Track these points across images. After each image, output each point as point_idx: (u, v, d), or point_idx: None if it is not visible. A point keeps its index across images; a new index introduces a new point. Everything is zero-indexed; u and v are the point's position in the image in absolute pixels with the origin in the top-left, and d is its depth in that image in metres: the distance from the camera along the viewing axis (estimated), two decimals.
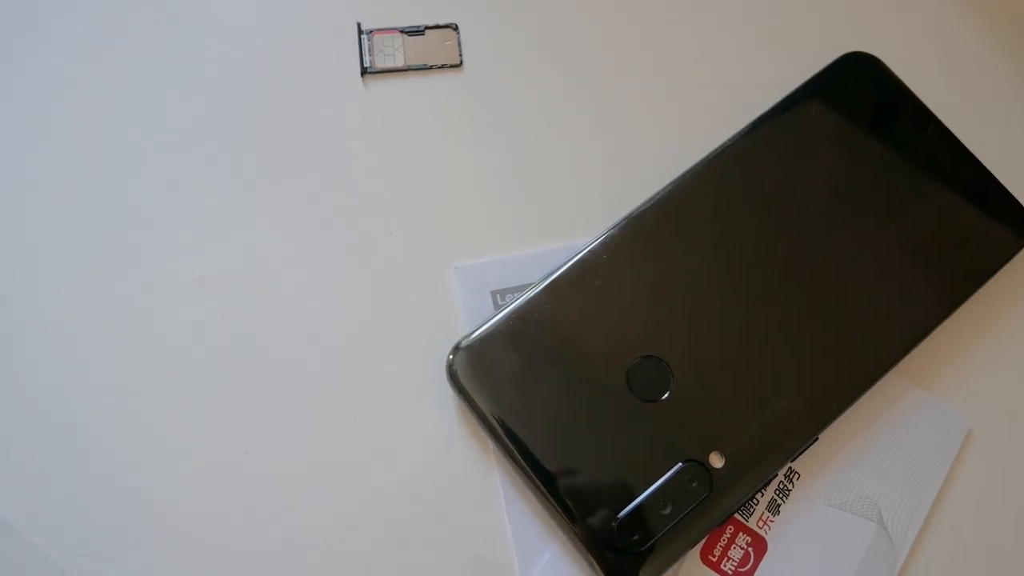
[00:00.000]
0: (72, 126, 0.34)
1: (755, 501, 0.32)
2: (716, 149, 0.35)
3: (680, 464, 0.31)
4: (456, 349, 0.32)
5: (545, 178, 0.35)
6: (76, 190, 0.33)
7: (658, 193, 0.34)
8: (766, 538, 0.32)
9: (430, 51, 0.36)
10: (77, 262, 0.33)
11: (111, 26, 0.35)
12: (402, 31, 0.36)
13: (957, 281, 0.34)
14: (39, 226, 0.33)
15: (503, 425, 0.31)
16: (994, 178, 0.35)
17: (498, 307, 0.33)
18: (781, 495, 0.32)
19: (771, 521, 0.32)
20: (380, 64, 0.36)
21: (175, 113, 0.35)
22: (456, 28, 0.36)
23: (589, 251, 0.33)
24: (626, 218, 0.33)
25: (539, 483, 0.30)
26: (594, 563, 0.30)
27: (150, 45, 0.35)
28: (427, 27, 0.36)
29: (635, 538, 0.30)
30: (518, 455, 0.31)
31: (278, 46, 0.36)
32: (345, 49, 0.36)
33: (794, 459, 0.32)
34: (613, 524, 0.30)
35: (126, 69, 0.35)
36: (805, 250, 0.34)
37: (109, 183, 0.34)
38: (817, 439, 0.32)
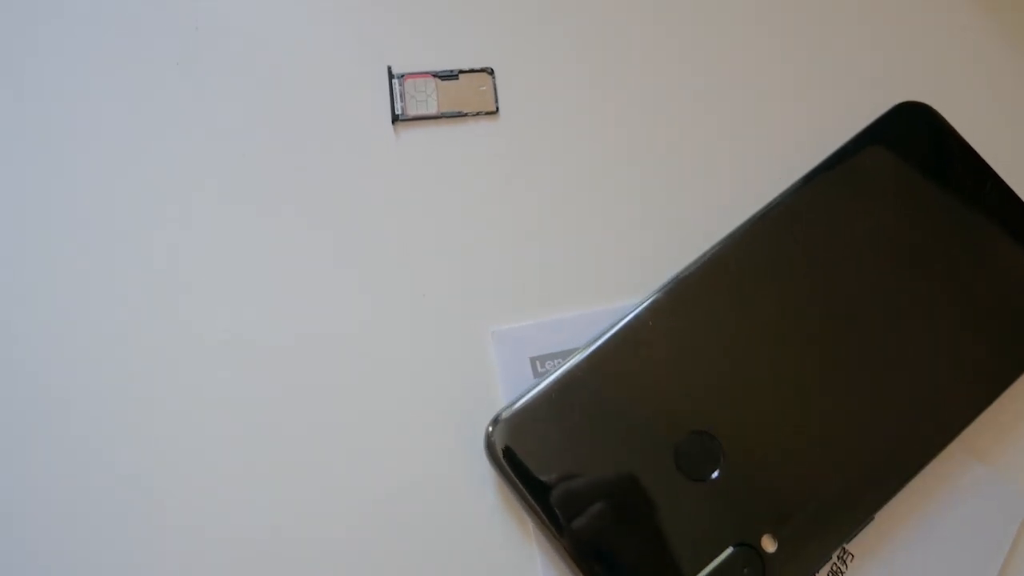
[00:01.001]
0: (89, 174, 0.32)
1: None
2: (766, 206, 0.33)
3: (731, 548, 0.29)
4: (495, 422, 0.30)
5: (587, 235, 0.33)
6: (93, 245, 0.31)
7: (707, 253, 0.32)
8: None
9: (464, 97, 0.34)
10: (97, 323, 0.31)
11: (132, 69, 0.33)
12: (435, 75, 0.34)
13: (1019, 347, 0.32)
14: (55, 287, 0.31)
15: (544, 503, 0.29)
16: None
17: (538, 375, 0.32)
18: None
19: None
20: (412, 111, 0.34)
21: (193, 162, 0.33)
22: (492, 72, 0.34)
23: (634, 316, 0.31)
24: (673, 280, 0.32)
25: (581, 567, 0.29)
26: None
27: (172, 89, 0.33)
28: (461, 71, 0.34)
29: None
30: (559, 536, 0.29)
31: (304, 91, 0.34)
32: (375, 94, 0.34)
33: (848, 540, 0.30)
34: None
35: (146, 111, 0.33)
36: (860, 315, 0.32)
37: (126, 236, 0.32)
38: (873, 519, 0.30)
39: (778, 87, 0.35)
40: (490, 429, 0.30)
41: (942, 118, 0.35)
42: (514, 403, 0.30)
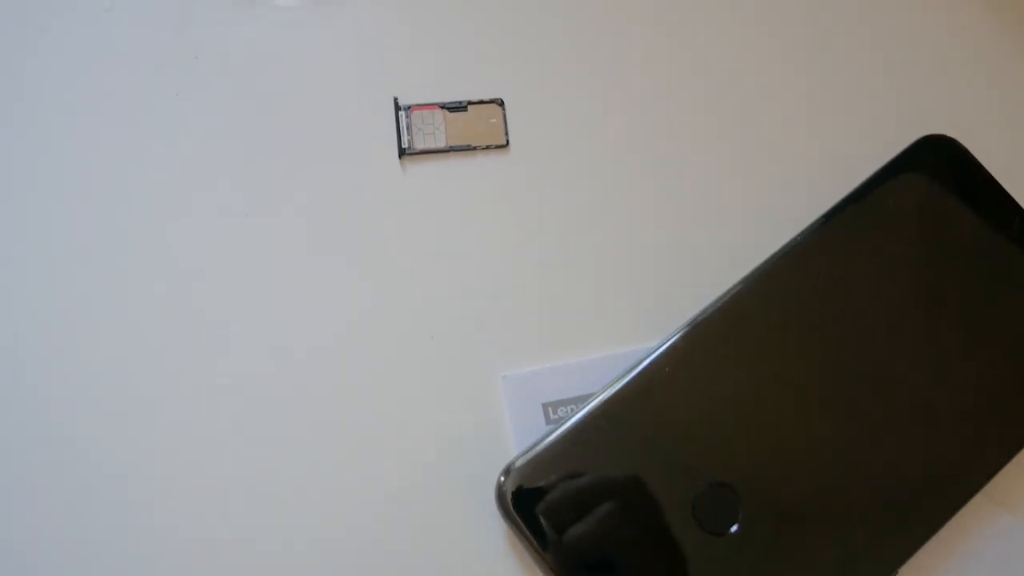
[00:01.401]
0: (84, 209, 0.31)
1: None
2: (786, 245, 0.32)
3: None
4: (507, 472, 0.29)
5: (601, 275, 0.32)
6: (89, 276, 0.30)
7: (725, 294, 0.31)
8: None
9: (473, 130, 0.33)
10: (104, 363, 0.30)
11: (129, 100, 0.32)
12: (443, 107, 0.33)
13: None
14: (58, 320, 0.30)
15: (557, 557, 0.28)
16: None
17: (551, 421, 0.30)
18: None
19: None
20: (419, 144, 0.32)
21: (191, 196, 0.32)
22: (501, 104, 0.33)
23: (651, 361, 0.30)
24: (691, 323, 0.31)
25: None
26: None
27: (170, 120, 0.32)
28: (470, 102, 0.33)
29: None
30: None
31: (307, 123, 0.33)
32: (381, 126, 0.33)
33: None
34: None
35: (144, 144, 0.32)
36: (885, 359, 0.31)
37: (123, 273, 0.31)
38: (897, 574, 0.29)
39: (796, 120, 0.34)
40: (502, 479, 0.29)
41: (968, 152, 0.33)
42: (526, 452, 0.29)
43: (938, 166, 0.33)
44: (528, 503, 0.29)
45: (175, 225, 0.31)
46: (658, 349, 0.30)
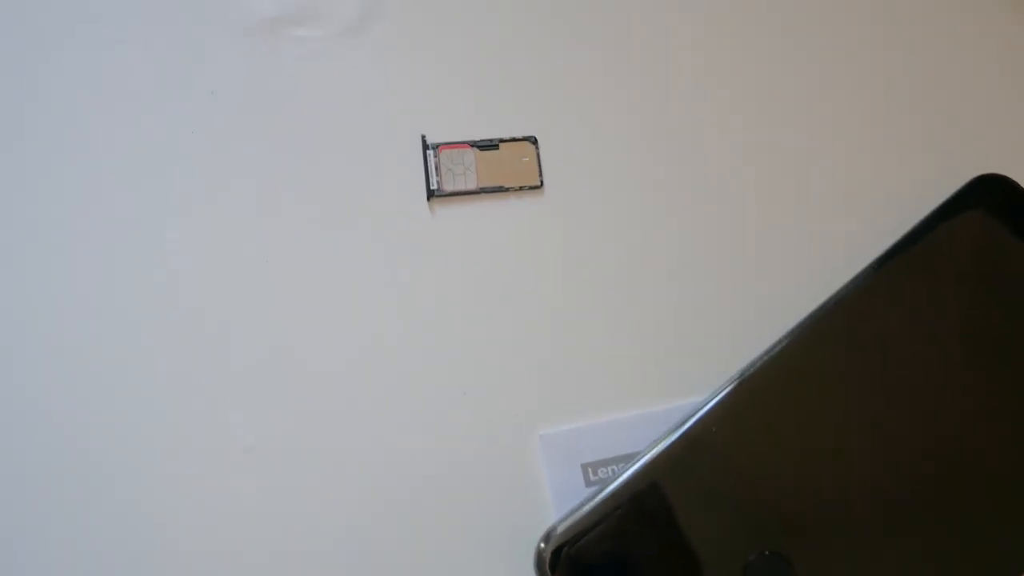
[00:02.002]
0: (96, 254, 0.29)
1: None
2: (836, 294, 0.30)
3: None
4: (547, 538, 0.27)
5: (642, 326, 0.30)
6: (99, 323, 0.29)
7: (775, 346, 0.29)
8: None
9: (506, 169, 0.31)
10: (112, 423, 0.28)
11: (142, 139, 0.31)
12: (473, 145, 0.31)
13: None
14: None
15: None
16: None
17: (591, 483, 0.29)
18: None
19: None
20: (449, 186, 0.31)
21: (209, 238, 0.30)
22: (535, 142, 0.31)
23: (696, 420, 0.28)
24: (738, 377, 0.29)
25: None
26: None
27: (186, 159, 0.30)
28: (502, 140, 0.31)
29: None
30: None
31: (329, 162, 0.31)
32: (408, 166, 0.31)
33: None
34: None
35: (158, 185, 0.30)
36: (945, 417, 0.29)
37: (139, 318, 0.29)
38: None
39: (844, 164, 0.33)
40: (542, 546, 0.27)
41: None
42: (567, 517, 0.27)
43: (994, 206, 0.32)
44: (569, 572, 0.27)
45: (193, 271, 0.30)
46: (704, 407, 0.29)
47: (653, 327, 0.30)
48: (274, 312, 0.30)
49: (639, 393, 0.30)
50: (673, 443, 0.28)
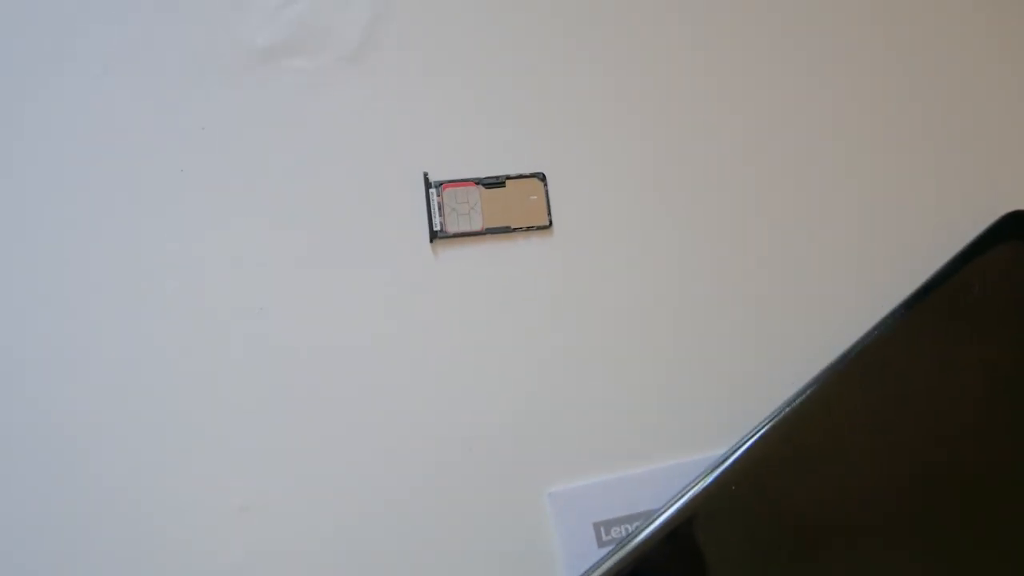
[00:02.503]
0: (86, 298, 0.28)
1: None
2: (860, 340, 0.29)
3: None
4: None
5: (657, 376, 0.29)
6: (95, 376, 0.27)
7: (797, 396, 0.28)
8: None
9: (512, 208, 0.30)
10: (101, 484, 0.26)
11: (129, 180, 0.29)
12: (479, 182, 0.30)
13: None
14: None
15: None
16: None
17: (603, 544, 0.27)
18: None
19: None
20: (453, 227, 0.29)
21: (200, 281, 0.28)
22: (543, 178, 0.30)
23: (715, 477, 0.27)
24: (758, 430, 0.27)
25: None
26: None
27: (176, 199, 0.29)
28: (508, 177, 0.30)
29: None
30: None
31: (327, 202, 0.29)
32: (410, 205, 0.29)
33: None
34: None
35: (147, 227, 0.29)
36: (979, 462, 0.28)
37: (128, 363, 0.27)
38: None
39: (866, 202, 0.31)
40: None
41: None
42: None
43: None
44: None
45: (182, 323, 0.28)
46: (723, 462, 0.27)
47: (667, 376, 0.29)
48: (270, 364, 0.28)
49: (653, 447, 0.28)
50: (691, 500, 0.27)
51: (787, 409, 0.28)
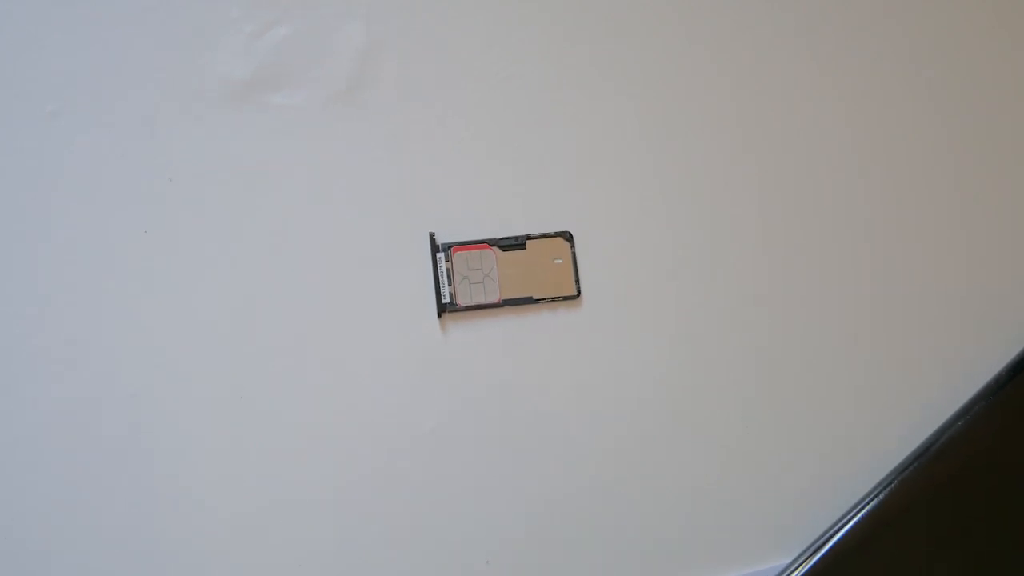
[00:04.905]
0: (46, 381, 0.24)
1: None
2: (925, 443, 0.25)
3: None
4: None
5: (702, 477, 0.25)
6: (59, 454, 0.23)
7: (864, 502, 0.24)
8: None
9: (535, 274, 0.25)
10: None
11: (90, 240, 0.25)
12: (494, 244, 0.25)
13: None
14: None
15: None
16: None
17: None
18: None
19: None
20: (465, 299, 0.25)
21: (172, 352, 0.24)
22: (570, 238, 0.26)
23: None
24: (821, 540, 0.24)
25: None
26: None
27: (140, 263, 0.25)
28: (529, 237, 0.25)
29: None
30: None
31: (310, 266, 0.25)
32: (414, 272, 0.25)
33: None
34: None
35: (111, 293, 0.24)
36: None
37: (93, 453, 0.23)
38: None
39: (921, 265, 0.27)
40: None
41: None
42: None
43: None
44: None
45: (156, 412, 0.24)
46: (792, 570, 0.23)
47: (718, 480, 0.25)
48: (248, 469, 0.24)
49: (694, 558, 0.24)
50: None
51: (853, 517, 0.24)
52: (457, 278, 0.25)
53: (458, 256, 0.25)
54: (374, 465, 0.24)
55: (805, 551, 0.24)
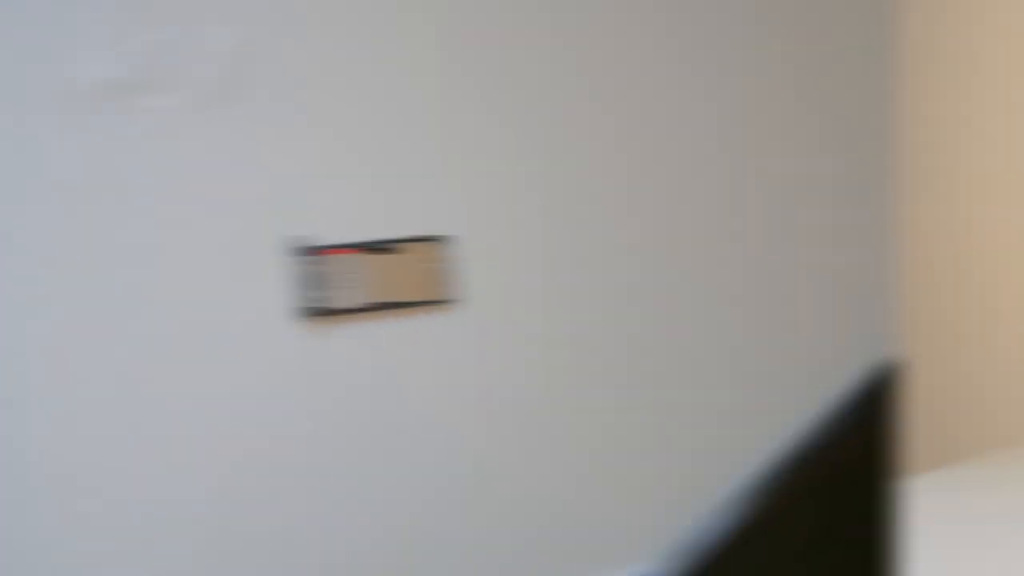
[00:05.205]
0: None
1: None
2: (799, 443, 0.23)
3: None
4: None
5: (574, 486, 0.23)
6: None
7: (741, 501, 0.23)
8: None
9: (405, 279, 0.24)
10: None
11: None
12: (362, 247, 0.24)
13: None
14: None
15: None
16: None
17: None
18: None
19: None
20: (329, 302, 0.24)
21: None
22: (441, 241, 0.25)
23: None
24: (699, 539, 0.22)
25: None
26: None
27: None
28: (399, 241, 0.25)
29: None
30: None
31: (173, 274, 0.24)
32: (278, 276, 0.24)
33: None
34: None
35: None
36: None
37: None
38: None
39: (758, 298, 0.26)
40: None
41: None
42: None
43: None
44: None
45: (16, 419, 0.23)
46: None
47: (581, 487, 0.23)
48: (112, 473, 0.23)
49: (558, 561, 0.23)
50: None
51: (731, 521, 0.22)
52: (321, 281, 0.24)
53: (325, 259, 0.24)
54: (234, 468, 0.23)
55: (670, 555, 0.22)
